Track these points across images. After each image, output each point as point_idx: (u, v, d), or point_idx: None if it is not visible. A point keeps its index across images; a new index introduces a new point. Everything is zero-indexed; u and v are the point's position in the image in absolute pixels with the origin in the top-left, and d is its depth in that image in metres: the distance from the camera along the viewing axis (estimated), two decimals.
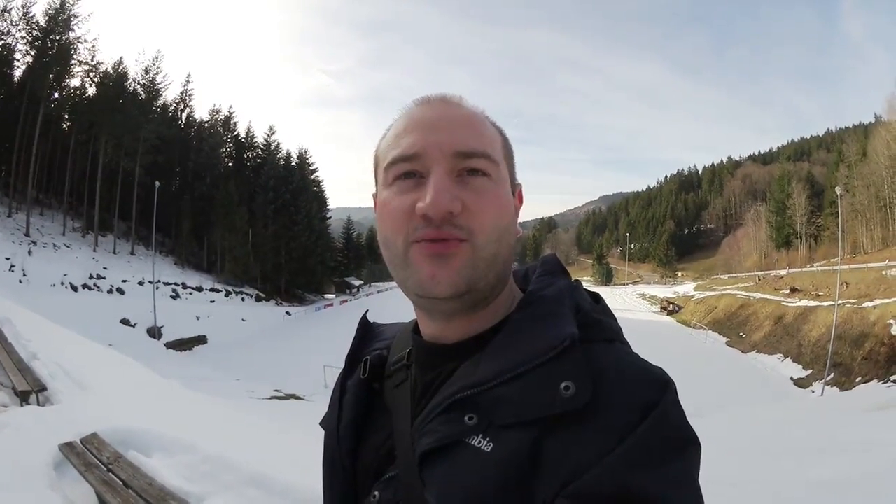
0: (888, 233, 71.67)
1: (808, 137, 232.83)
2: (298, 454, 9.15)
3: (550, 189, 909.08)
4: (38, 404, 9.25)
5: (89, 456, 6.70)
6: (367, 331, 1.56)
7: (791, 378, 43.45)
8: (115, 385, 12.64)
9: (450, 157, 1.04)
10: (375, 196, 1.20)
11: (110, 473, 6.29)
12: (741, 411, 27.28)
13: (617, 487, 0.77)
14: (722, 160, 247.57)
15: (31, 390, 9.35)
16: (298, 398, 31.71)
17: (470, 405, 1.00)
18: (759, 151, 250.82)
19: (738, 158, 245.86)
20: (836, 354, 39.24)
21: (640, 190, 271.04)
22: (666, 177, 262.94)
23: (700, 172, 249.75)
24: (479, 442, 0.95)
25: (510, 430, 0.92)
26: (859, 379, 36.86)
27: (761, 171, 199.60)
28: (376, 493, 1.17)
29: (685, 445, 0.84)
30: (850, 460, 9.07)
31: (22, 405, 9.06)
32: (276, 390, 33.53)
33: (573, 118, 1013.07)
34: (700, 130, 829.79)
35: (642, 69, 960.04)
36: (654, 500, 0.77)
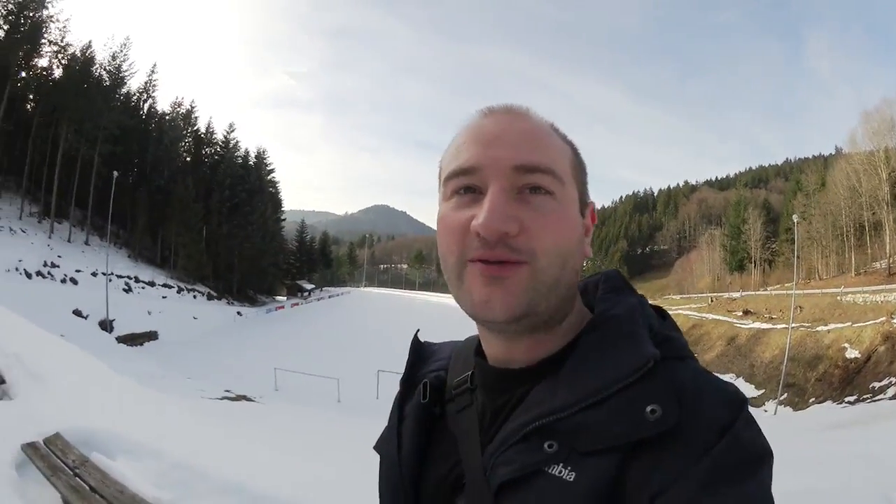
0: (843, 260, 73.49)
1: (767, 166, 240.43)
2: (267, 461, 8.87)
3: None
4: None
5: (54, 458, 6.35)
6: (420, 351, 1.45)
7: None
8: (74, 380, 12.08)
9: (509, 172, 0.98)
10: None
11: (77, 478, 5.96)
12: None
13: None
14: (678, 184, 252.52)
15: None
16: (249, 399, 31.08)
17: (549, 432, 0.96)
18: (717, 177, 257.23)
19: (694, 183, 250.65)
20: (790, 375, 40.28)
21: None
22: (621, 197, 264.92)
23: (656, 195, 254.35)
24: (560, 471, 0.91)
25: (593, 457, 0.89)
26: (813, 399, 37.87)
27: (717, 196, 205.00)
28: None
29: (760, 462, 0.84)
30: (804, 474, 9.17)
31: None
32: (227, 391, 32.91)
33: None
34: (658, 154, 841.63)
35: (603, 92, 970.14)
36: None
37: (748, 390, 45.01)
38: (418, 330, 1.52)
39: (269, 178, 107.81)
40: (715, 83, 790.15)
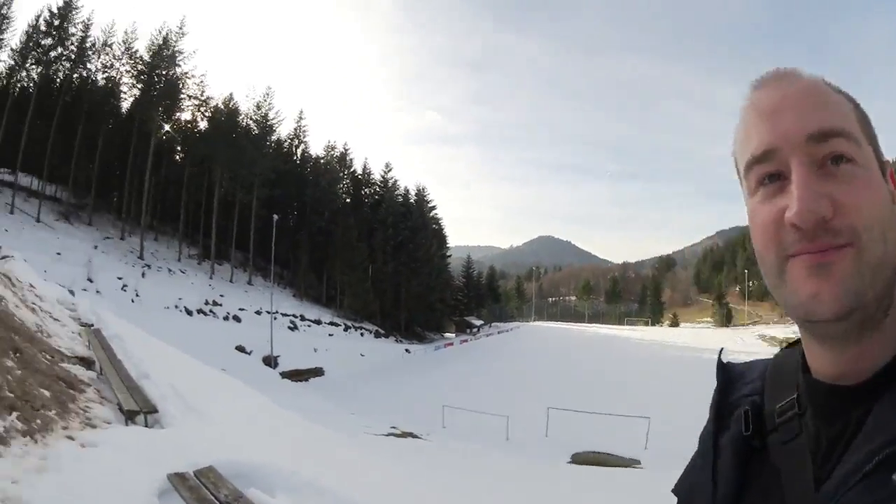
0: None
1: None
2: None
3: (665, 225, 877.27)
4: (146, 426, 8.41)
5: (204, 491, 6.01)
6: (727, 373, 1.23)
7: None
8: (233, 412, 11.57)
9: (804, 145, 0.83)
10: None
11: None
12: None
13: None
14: None
15: (139, 410, 8.51)
16: (416, 437, 30.40)
17: None
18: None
19: None
20: None
21: None
22: None
23: None
24: None
25: None
26: None
27: None
28: None
29: None
30: None
31: (127, 424, 8.24)
32: (393, 427, 32.27)
33: (680, 150, 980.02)
34: None
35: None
36: None
37: None
38: (722, 349, 1.36)
39: (431, 214, 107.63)
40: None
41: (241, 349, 50.43)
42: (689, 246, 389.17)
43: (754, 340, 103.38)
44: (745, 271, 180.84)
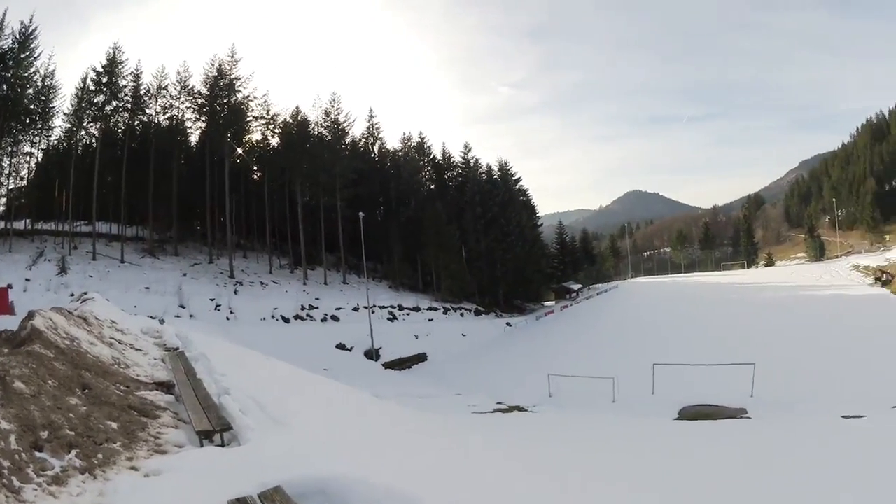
0: None
1: None
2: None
3: (749, 164, 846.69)
4: (222, 444, 8.06)
5: None
6: None
7: None
8: (321, 419, 11.24)
9: None
10: None
11: None
12: None
13: None
14: None
15: (212, 430, 8.12)
16: (522, 409, 30.27)
17: None
18: None
19: None
20: None
21: (836, 148, 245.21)
22: (857, 128, 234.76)
23: (887, 116, 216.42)
24: None
25: None
26: None
27: None
28: None
29: None
30: None
31: (202, 445, 7.88)
32: (499, 403, 32.29)
33: (754, 83, 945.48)
34: (883, 68, 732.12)
35: (812, 17, 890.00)
36: None
37: None
38: None
39: (517, 187, 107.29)
40: None
41: (341, 346, 51.50)
42: (775, 181, 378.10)
43: (848, 272, 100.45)
44: (833, 200, 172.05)
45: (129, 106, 70.34)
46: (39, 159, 69.82)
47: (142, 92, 71.61)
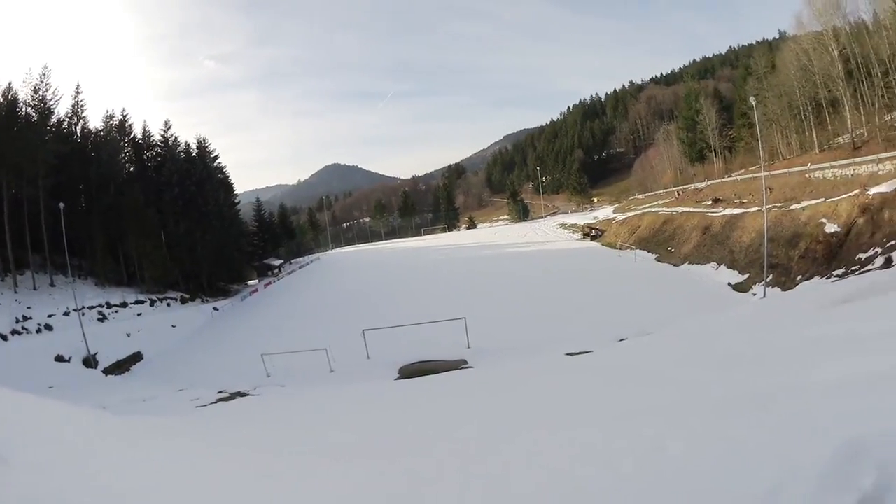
0: (805, 139, 74.55)
1: (711, 56, 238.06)
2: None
3: (452, 138, 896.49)
4: None
5: None
6: None
7: (729, 284, 45.07)
8: (43, 451, 9.15)
9: None
10: None
11: None
12: (690, 323, 27.61)
13: None
14: (624, 85, 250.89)
15: None
16: (244, 394, 31.02)
17: None
18: (662, 74, 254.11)
19: (640, 82, 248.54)
20: (772, 256, 40.59)
21: (544, 124, 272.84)
22: (569, 108, 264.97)
23: (603, 99, 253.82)
24: None
25: None
26: (800, 277, 38.15)
27: (665, 92, 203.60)
28: None
29: None
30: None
31: None
32: (221, 391, 32.41)
33: (465, 64, 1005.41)
34: (597, 60, 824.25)
35: (527, 8, 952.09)
36: None
37: (732, 276, 46.05)
38: None
39: (215, 164, 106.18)
40: None
41: (60, 358, 48.47)
42: (477, 152, 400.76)
43: (555, 229, 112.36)
44: (537, 168, 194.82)
45: None
46: None
47: None
